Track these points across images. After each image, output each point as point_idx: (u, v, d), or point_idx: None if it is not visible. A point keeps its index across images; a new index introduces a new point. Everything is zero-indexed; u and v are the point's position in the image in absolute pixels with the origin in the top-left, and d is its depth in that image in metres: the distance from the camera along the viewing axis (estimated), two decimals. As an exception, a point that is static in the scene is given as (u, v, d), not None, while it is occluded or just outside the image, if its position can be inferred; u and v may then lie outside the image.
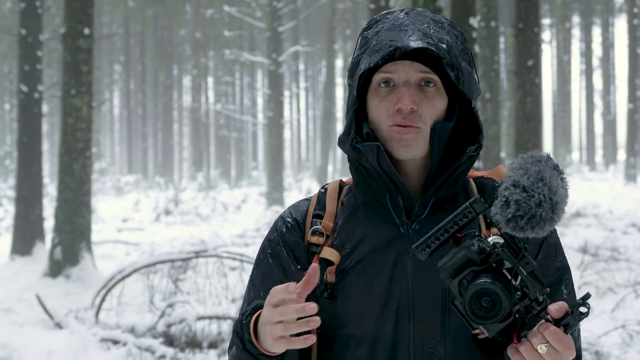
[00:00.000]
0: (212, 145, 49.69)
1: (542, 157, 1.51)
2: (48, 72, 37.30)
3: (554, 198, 1.47)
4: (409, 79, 1.71)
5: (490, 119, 17.37)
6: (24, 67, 14.40)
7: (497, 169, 1.83)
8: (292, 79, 55.10)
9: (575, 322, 1.47)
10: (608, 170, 42.48)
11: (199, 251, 9.13)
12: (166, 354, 6.88)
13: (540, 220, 1.46)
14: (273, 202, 26.95)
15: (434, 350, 1.69)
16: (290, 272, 1.78)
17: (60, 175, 12.17)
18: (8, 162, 29.24)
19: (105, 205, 27.66)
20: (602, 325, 8.21)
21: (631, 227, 16.74)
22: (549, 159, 1.51)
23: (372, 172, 1.74)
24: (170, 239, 17.97)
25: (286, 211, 1.85)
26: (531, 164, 1.50)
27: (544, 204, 1.46)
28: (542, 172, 1.48)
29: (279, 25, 27.99)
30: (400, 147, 1.71)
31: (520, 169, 1.49)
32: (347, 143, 1.76)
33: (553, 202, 1.47)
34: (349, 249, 1.75)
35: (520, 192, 1.47)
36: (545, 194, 1.46)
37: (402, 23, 1.72)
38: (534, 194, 1.46)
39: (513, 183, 1.48)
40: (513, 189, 1.47)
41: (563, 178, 1.50)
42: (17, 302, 10.52)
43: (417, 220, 1.74)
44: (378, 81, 1.73)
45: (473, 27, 10.21)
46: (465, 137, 1.80)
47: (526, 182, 1.47)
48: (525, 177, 1.48)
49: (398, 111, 1.70)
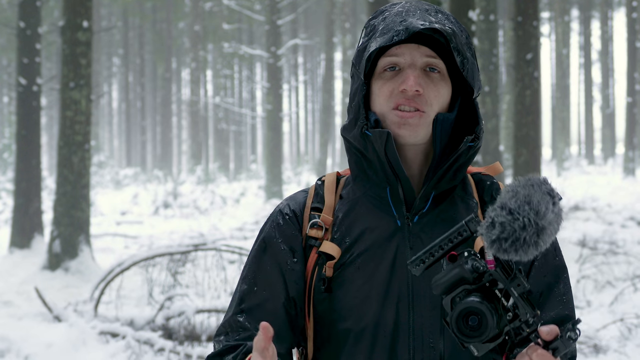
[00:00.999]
0: (211, 139, 49.67)
1: (536, 181, 1.48)
2: (47, 65, 37.26)
3: (540, 222, 1.43)
4: (414, 62, 1.71)
5: (489, 112, 17.37)
6: (23, 59, 14.38)
7: (493, 166, 1.84)
8: (291, 72, 55.04)
9: (564, 347, 1.45)
10: (607, 164, 42.49)
11: (198, 244, 9.14)
12: (165, 347, 6.88)
13: (524, 243, 1.44)
14: (272, 195, 26.96)
15: (434, 344, 1.69)
16: (285, 268, 1.76)
17: (59, 168, 12.17)
18: (7, 155, 29.22)
19: (104, 198, 27.66)
20: (600, 318, 8.23)
21: (630, 220, 16.75)
22: (543, 183, 1.48)
23: (374, 164, 1.73)
24: (169, 232, 17.98)
25: (283, 203, 1.84)
26: (522, 187, 1.47)
27: (528, 227, 1.43)
28: (530, 195, 1.45)
29: (278, 18, 27.95)
30: (404, 131, 1.70)
31: (510, 192, 1.47)
32: (354, 130, 1.75)
33: (539, 227, 1.44)
34: (349, 243, 1.74)
35: (505, 215, 1.44)
36: (530, 218, 1.43)
37: (409, 9, 1.72)
38: (519, 217, 1.43)
39: (500, 205, 1.46)
40: (499, 211, 1.45)
41: (555, 203, 1.47)
42: (16, 295, 10.53)
43: (417, 214, 1.74)
44: (383, 66, 1.73)
45: (472, 21, 10.20)
46: (465, 129, 1.80)
47: (513, 204, 1.45)
48: (513, 200, 1.45)
49: (402, 92, 1.70)
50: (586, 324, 7.83)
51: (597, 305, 8.93)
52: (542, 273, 1.76)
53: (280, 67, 28.11)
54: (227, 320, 1.77)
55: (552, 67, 50.50)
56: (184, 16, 44.25)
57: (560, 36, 40.89)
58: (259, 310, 1.74)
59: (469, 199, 1.79)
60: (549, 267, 1.78)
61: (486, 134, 17.24)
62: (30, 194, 14.20)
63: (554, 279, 1.77)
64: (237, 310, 1.76)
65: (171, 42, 41.98)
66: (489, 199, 1.79)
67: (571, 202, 20.33)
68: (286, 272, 1.75)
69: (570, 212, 18.47)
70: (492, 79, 17.62)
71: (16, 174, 14.40)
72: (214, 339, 1.78)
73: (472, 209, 1.77)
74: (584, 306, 8.96)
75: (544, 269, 1.77)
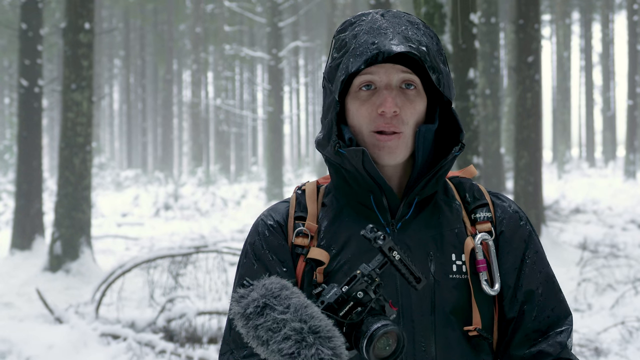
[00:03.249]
0: (212, 140, 49.65)
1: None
2: (48, 67, 37.27)
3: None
4: (390, 81, 1.71)
5: (490, 114, 17.37)
6: (24, 61, 14.40)
7: (468, 169, 1.88)
8: (292, 74, 55.04)
9: None
10: (607, 167, 42.46)
11: (199, 246, 9.14)
12: (166, 349, 6.88)
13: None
14: (273, 197, 26.95)
15: (426, 348, 1.70)
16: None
17: (60, 169, 12.18)
18: (8, 157, 29.22)
19: (105, 200, 27.66)
20: (601, 321, 8.23)
21: (630, 223, 16.74)
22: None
23: (355, 174, 1.74)
24: (170, 234, 17.98)
25: (265, 213, 1.84)
26: None
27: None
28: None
29: (279, 20, 27.96)
30: (384, 154, 1.71)
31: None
32: (328, 147, 1.75)
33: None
34: (335, 250, 1.75)
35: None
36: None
37: (380, 26, 1.70)
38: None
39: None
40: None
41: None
42: (17, 297, 10.53)
43: (401, 220, 1.76)
44: (359, 84, 1.72)
45: (473, 23, 10.20)
46: (446, 136, 1.82)
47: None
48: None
49: (381, 115, 1.70)
50: (587, 327, 7.84)
51: (598, 309, 8.93)
52: (511, 249, 1.79)
53: (281, 69, 28.11)
54: (230, 336, 1.78)
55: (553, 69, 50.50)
56: (185, 18, 44.27)
57: (561, 39, 40.89)
58: None
59: (452, 201, 1.81)
60: (516, 238, 1.81)
61: (487, 136, 17.23)
62: (32, 195, 14.21)
63: (524, 248, 1.81)
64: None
65: (172, 44, 41.99)
66: (472, 200, 1.81)
67: (572, 205, 20.32)
68: None
69: (571, 215, 18.47)
70: (493, 81, 17.62)
71: (17, 176, 14.41)
72: (219, 356, 1.78)
73: (456, 210, 1.79)
74: (584, 309, 8.96)
75: (511, 243, 1.80)
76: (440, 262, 1.72)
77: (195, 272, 9.94)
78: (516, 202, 11.91)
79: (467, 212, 1.80)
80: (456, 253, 1.74)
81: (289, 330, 1.42)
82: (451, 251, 1.73)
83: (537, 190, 13.28)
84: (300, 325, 1.42)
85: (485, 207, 1.80)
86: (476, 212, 1.79)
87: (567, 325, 1.77)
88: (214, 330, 7.44)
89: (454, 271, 1.72)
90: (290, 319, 1.43)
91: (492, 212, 1.80)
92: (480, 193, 1.83)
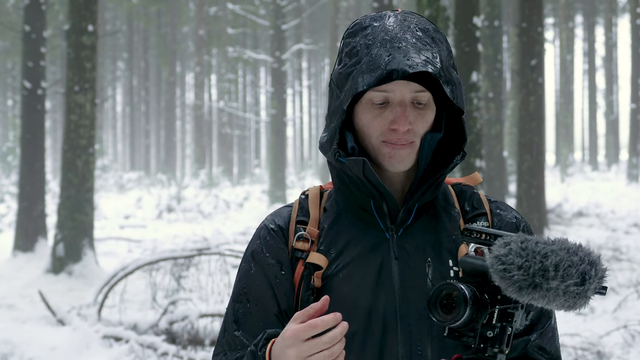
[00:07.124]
0: (215, 143, 49.71)
1: (583, 253, 1.46)
2: (51, 69, 37.32)
3: (536, 279, 1.43)
4: (404, 98, 1.70)
5: (493, 118, 17.37)
6: (28, 63, 14.42)
7: (473, 176, 1.89)
8: (295, 76, 55.06)
9: None
10: (610, 170, 42.43)
11: (201, 249, 9.15)
12: (168, 351, 6.89)
13: (510, 278, 1.44)
14: (275, 199, 26.96)
15: (422, 352, 1.71)
16: (274, 282, 1.77)
17: (63, 171, 12.19)
18: (11, 159, 29.25)
19: (108, 202, 27.68)
20: (604, 325, 8.22)
21: (633, 227, 16.73)
22: (591, 264, 1.46)
23: (355, 180, 1.75)
24: (173, 236, 17.99)
25: (268, 218, 1.85)
26: (564, 249, 1.46)
27: (522, 270, 1.43)
28: (557, 254, 1.44)
29: (283, 23, 27.98)
30: (395, 162, 1.72)
31: (551, 244, 1.47)
32: (329, 153, 1.76)
33: (534, 281, 1.43)
34: (334, 254, 1.76)
35: (519, 248, 1.45)
36: (532, 266, 1.43)
37: (393, 37, 1.69)
38: (524, 257, 1.44)
39: (523, 241, 1.47)
40: (519, 243, 1.47)
41: (582, 283, 1.44)
42: (20, 299, 10.54)
43: (402, 226, 1.77)
44: (371, 98, 1.71)
45: (477, 27, 10.21)
46: (449, 143, 1.82)
47: (535, 247, 1.46)
48: (542, 245, 1.46)
49: (394, 130, 1.70)
50: (589, 331, 7.83)
51: (601, 312, 8.92)
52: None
53: (284, 71, 28.14)
54: (223, 338, 1.78)
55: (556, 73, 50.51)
56: (188, 20, 44.34)
57: (565, 42, 40.90)
58: (254, 325, 1.75)
59: (451, 209, 1.82)
60: (505, 220, 1.83)
61: (490, 139, 17.23)
62: (34, 197, 14.22)
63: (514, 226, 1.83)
64: (233, 328, 1.77)
65: (175, 46, 42.03)
66: (470, 209, 1.82)
67: (575, 209, 20.31)
68: (275, 286, 1.77)
69: (574, 219, 18.46)
70: (496, 85, 17.63)
71: (20, 177, 14.43)
72: (213, 357, 1.79)
73: (454, 218, 1.80)
74: (587, 312, 8.95)
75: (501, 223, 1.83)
76: (438, 268, 1.73)
77: (198, 275, 9.95)
78: (519, 206, 11.79)
79: (464, 221, 1.81)
80: (452, 259, 1.75)
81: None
82: (448, 257, 1.75)
83: (540, 194, 13.28)
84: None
85: (483, 217, 1.81)
86: (473, 221, 1.80)
87: (548, 325, 1.79)
88: (216, 332, 7.44)
89: (451, 277, 1.73)
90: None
91: (489, 221, 1.81)
92: (480, 202, 1.84)
